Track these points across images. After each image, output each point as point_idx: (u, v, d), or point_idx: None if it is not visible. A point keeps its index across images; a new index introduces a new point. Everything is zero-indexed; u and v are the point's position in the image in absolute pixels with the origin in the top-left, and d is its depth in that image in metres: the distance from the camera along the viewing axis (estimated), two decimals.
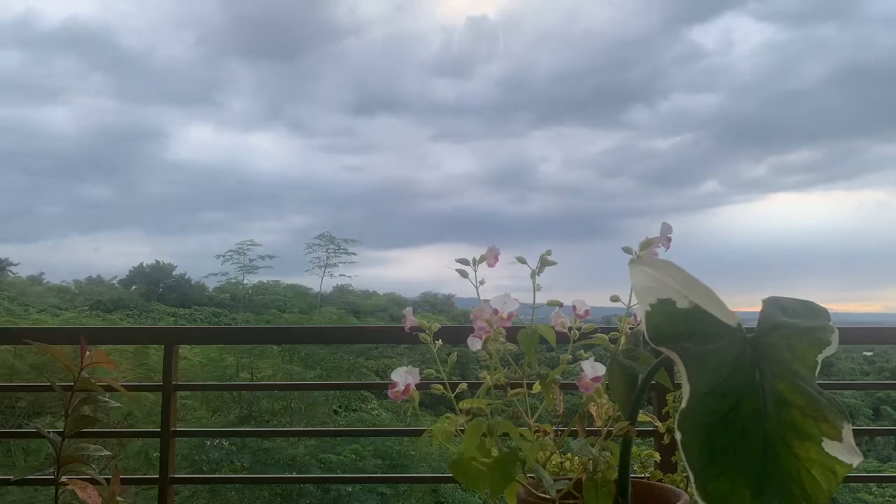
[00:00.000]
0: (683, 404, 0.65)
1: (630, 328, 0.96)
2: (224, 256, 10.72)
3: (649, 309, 0.72)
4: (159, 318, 15.76)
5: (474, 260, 1.03)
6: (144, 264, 21.88)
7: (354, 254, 12.03)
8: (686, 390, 0.66)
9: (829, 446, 0.65)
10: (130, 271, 21.89)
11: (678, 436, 0.64)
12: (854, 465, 0.65)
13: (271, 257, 10.82)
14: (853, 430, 0.67)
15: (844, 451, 0.65)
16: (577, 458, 0.95)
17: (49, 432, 1.42)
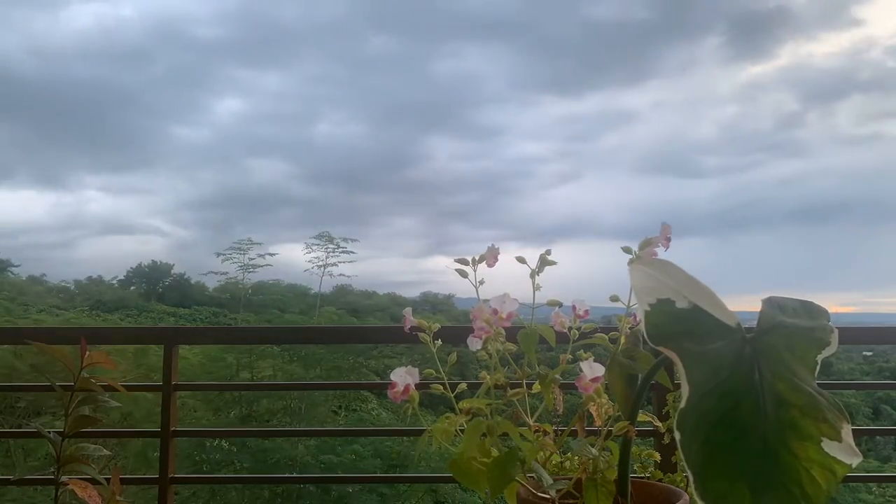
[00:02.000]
0: (682, 404, 0.65)
1: (630, 328, 0.96)
2: (223, 255, 10.71)
3: (648, 309, 0.72)
4: (159, 318, 15.75)
5: (473, 260, 1.03)
6: (143, 264, 21.88)
7: (354, 252, 12.03)
8: (685, 390, 0.66)
9: (829, 446, 0.65)
10: (129, 271, 21.89)
11: (677, 436, 0.64)
12: (853, 466, 0.65)
13: (272, 255, 10.80)
14: (853, 430, 0.67)
15: (844, 452, 0.65)
16: (576, 457, 0.95)
17: (49, 432, 1.42)
